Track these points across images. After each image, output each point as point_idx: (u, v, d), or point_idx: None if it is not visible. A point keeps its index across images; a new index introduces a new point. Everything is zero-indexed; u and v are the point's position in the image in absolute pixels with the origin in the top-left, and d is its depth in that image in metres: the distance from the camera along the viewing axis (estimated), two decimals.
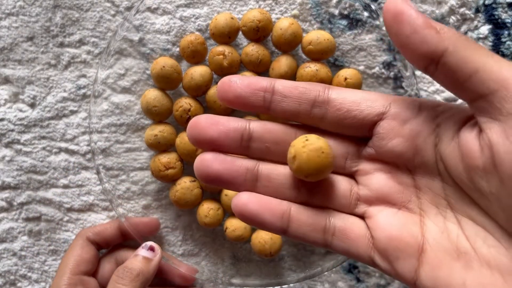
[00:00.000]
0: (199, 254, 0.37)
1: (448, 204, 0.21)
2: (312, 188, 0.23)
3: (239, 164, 0.22)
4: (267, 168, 0.23)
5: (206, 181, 0.22)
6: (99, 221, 0.37)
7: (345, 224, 0.22)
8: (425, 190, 0.21)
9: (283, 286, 0.35)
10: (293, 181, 0.23)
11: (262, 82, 0.22)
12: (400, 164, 0.22)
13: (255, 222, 0.22)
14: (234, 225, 0.34)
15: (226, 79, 0.22)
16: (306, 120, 0.23)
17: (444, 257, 0.20)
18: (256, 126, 0.23)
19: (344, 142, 0.23)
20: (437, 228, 0.21)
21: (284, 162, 0.23)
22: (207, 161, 0.22)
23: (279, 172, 0.23)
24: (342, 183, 0.23)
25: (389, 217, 0.22)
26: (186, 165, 0.35)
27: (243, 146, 0.23)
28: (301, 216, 0.22)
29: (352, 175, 0.23)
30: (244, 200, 0.22)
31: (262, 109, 0.22)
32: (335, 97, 0.22)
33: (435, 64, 0.19)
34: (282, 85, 0.22)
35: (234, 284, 0.36)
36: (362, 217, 0.22)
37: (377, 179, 0.22)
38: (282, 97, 0.22)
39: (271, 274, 0.36)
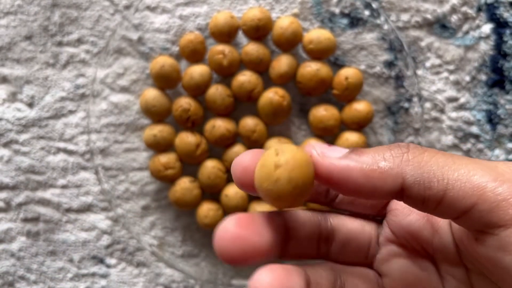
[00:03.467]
0: (199, 255, 0.37)
1: None
2: None
3: None
4: None
5: None
6: (98, 221, 0.37)
7: None
8: (448, 279, 0.18)
9: None
10: None
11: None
12: (419, 247, 0.19)
13: None
14: None
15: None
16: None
17: None
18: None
19: (367, 223, 0.20)
20: None
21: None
22: None
23: None
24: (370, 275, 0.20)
25: None
26: (186, 165, 0.35)
27: None
28: None
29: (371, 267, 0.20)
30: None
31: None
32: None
33: (400, 198, 0.16)
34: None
35: (234, 285, 0.35)
36: None
37: (397, 265, 0.19)
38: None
39: None
